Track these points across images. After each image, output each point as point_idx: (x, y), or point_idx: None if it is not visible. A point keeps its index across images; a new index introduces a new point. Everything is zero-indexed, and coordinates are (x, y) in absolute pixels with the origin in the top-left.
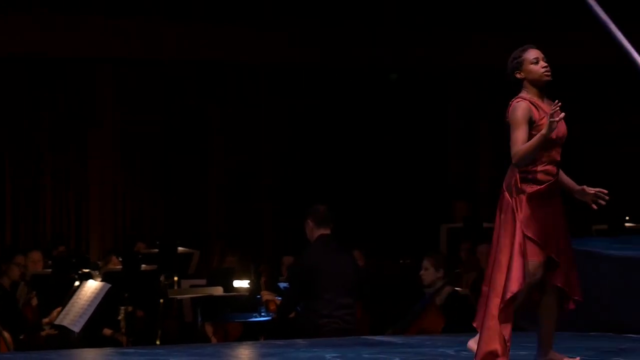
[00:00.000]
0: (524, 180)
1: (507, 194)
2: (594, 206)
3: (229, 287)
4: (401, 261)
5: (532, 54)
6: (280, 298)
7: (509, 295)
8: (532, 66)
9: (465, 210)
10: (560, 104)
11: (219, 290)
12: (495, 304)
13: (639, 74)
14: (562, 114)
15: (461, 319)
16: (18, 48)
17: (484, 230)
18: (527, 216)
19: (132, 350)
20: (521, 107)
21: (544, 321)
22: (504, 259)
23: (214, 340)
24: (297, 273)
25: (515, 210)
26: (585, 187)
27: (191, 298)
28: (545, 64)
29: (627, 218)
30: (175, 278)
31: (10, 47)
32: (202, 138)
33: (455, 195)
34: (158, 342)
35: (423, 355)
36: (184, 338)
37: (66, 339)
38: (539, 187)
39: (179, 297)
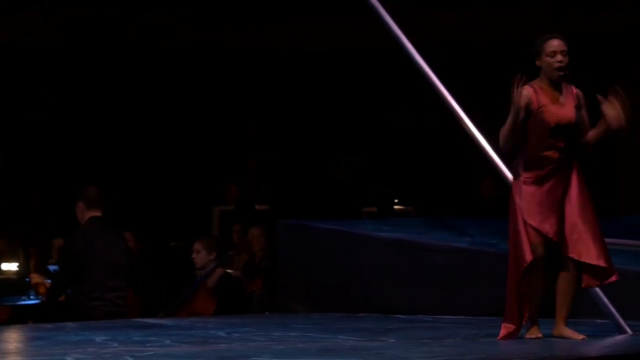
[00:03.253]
0: (523, 165)
1: (513, 178)
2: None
3: None
4: (173, 244)
5: (551, 46)
6: (50, 281)
7: (523, 265)
8: (548, 59)
9: (236, 193)
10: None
11: None
12: (510, 281)
13: (410, 59)
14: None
15: (233, 300)
16: None
17: (255, 213)
18: (525, 200)
19: None
20: (521, 94)
21: (557, 294)
22: (510, 240)
23: None
24: (68, 255)
25: (515, 194)
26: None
27: None
28: (562, 58)
29: (395, 201)
30: None
31: None
32: None
33: (227, 178)
34: None
35: (194, 337)
36: None
37: None
38: (538, 171)
39: None
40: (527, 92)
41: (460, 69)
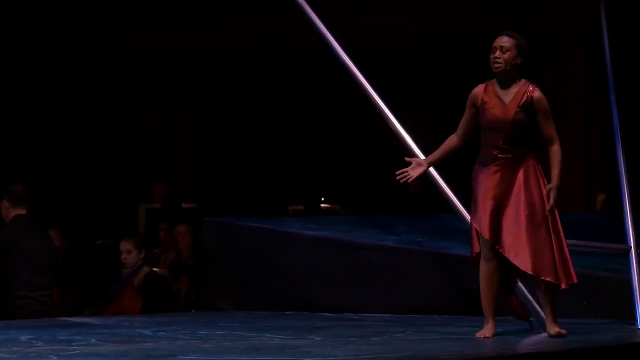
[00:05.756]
0: (478, 157)
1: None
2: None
3: None
4: (99, 242)
5: (494, 42)
6: None
7: (471, 256)
8: (490, 55)
9: (164, 191)
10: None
11: None
12: None
13: (334, 55)
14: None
15: (159, 299)
16: None
17: (182, 211)
18: (473, 191)
19: None
20: (470, 94)
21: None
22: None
23: None
24: None
25: (472, 181)
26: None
27: None
28: (497, 54)
29: (322, 199)
30: None
31: None
32: None
33: (154, 176)
34: None
35: (120, 336)
36: None
37: None
38: (483, 166)
39: None
40: (474, 91)
41: (390, 68)
